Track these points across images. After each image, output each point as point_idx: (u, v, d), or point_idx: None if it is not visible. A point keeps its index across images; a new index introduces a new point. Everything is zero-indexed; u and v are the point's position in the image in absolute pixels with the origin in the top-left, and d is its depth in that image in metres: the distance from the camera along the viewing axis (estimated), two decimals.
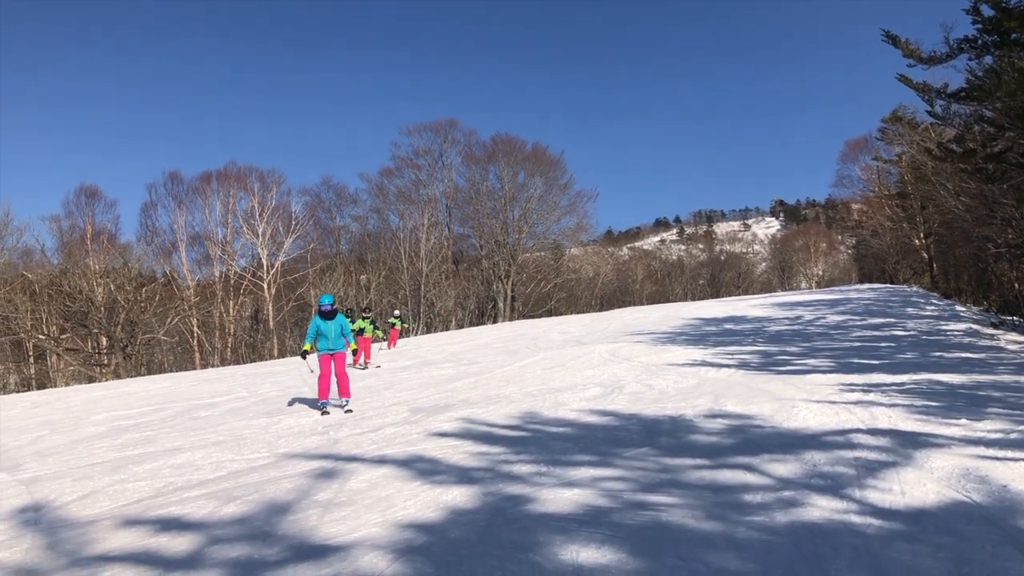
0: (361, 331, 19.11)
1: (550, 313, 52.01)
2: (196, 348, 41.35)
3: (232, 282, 43.92)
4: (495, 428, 8.61)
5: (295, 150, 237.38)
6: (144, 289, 40.19)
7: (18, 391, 34.62)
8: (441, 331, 39.10)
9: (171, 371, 35.03)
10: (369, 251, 52.70)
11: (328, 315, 11.41)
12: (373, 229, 55.44)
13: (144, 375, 33.74)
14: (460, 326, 31.23)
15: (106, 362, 37.36)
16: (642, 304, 58.40)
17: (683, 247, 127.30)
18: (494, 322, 47.57)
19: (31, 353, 40.29)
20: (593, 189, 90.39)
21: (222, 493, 6.56)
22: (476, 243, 55.88)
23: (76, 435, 11.38)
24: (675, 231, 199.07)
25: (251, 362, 36.10)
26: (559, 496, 5.52)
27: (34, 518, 6.23)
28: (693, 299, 70.36)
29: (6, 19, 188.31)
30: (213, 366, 37.54)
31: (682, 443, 7.09)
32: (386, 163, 59.61)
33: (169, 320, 40.15)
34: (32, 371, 39.71)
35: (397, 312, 27.98)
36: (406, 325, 21.44)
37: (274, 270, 44.23)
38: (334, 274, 45.95)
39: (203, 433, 10.41)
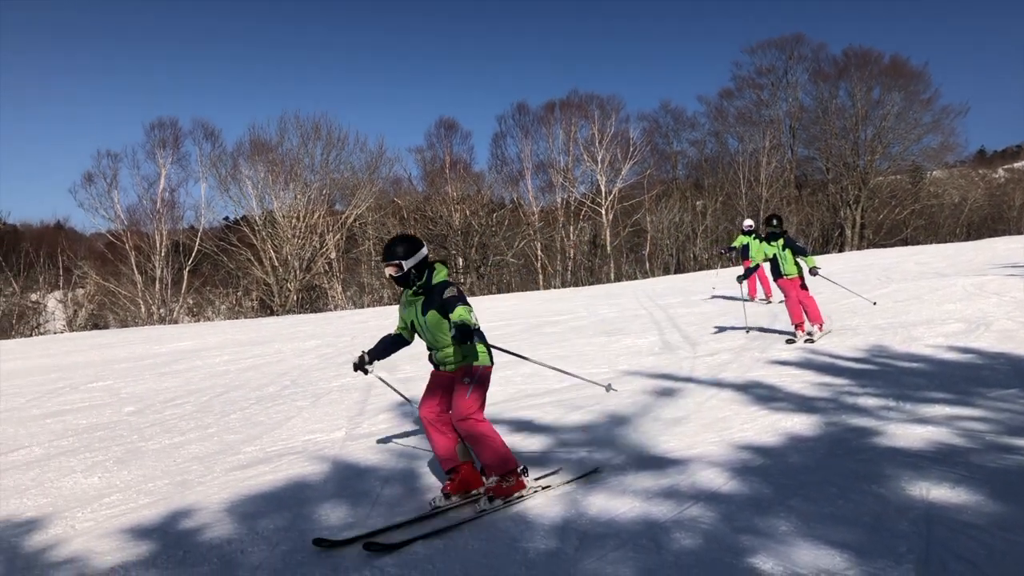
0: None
1: (905, 242, 47.25)
2: (540, 270, 44.08)
3: (572, 208, 45.77)
4: (838, 360, 8.20)
5: (633, 75, 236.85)
6: (494, 215, 43.67)
7: (391, 304, 39.89)
8: None
9: (517, 291, 37.90)
10: (706, 176, 51.67)
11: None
12: (711, 153, 53.98)
13: (494, 293, 36.99)
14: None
15: (463, 280, 41.50)
16: (1019, 233, 50.81)
17: None
18: (840, 251, 44.52)
19: None
20: (963, 103, 78.69)
21: (567, 402, 7.10)
22: (822, 166, 52.05)
23: None
24: None
25: (589, 285, 37.79)
26: (908, 432, 5.17)
27: (411, 411, 7.26)
28: None
29: None
30: (555, 287, 39.90)
31: None
32: (726, 84, 56.81)
33: (516, 244, 43.23)
34: None
35: (749, 222, 17.57)
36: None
37: (612, 196, 45.24)
38: (670, 200, 45.93)
39: (548, 347, 11.24)
